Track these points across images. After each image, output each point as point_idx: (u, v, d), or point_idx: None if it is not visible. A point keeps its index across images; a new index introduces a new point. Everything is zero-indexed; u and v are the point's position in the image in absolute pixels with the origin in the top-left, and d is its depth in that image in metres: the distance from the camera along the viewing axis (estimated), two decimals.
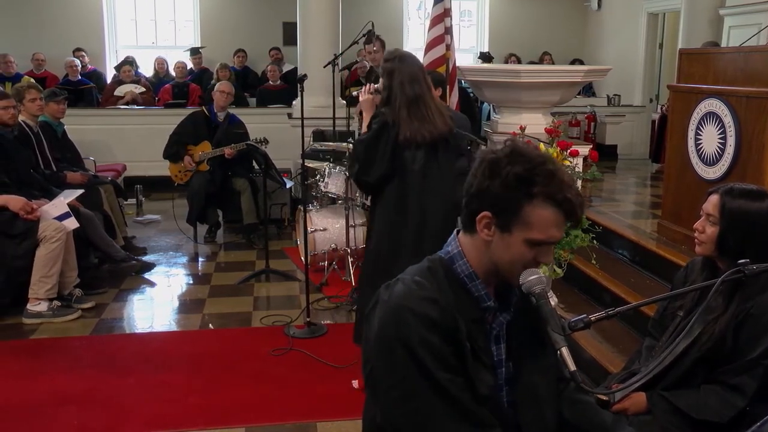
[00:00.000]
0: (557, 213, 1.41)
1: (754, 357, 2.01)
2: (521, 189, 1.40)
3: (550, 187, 1.40)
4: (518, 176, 1.40)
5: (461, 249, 1.53)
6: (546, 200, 1.40)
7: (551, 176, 1.40)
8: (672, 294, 2.21)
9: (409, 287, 1.48)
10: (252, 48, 10.10)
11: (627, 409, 2.18)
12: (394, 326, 1.44)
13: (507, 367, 1.57)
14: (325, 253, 5.20)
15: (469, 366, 1.46)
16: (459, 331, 1.45)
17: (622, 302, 3.75)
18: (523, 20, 11.06)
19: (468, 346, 1.46)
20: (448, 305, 1.45)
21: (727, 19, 7.49)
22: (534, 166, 1.40)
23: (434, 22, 5.53)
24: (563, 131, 4.26)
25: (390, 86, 3.38)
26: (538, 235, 1.42)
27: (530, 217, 1.41)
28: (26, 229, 4.33)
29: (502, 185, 1.41)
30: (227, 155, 5.92)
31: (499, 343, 1.56)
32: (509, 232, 1.44)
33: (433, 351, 1.41)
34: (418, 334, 1.41)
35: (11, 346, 4.07)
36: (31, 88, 5.44)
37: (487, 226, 1.46)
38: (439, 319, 1.43)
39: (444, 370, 1.41)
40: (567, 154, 3.82)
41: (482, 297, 1.51)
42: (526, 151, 1.44)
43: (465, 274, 1.51)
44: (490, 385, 1.50)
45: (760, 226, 2.06)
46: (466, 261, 1.51)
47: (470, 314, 1.49)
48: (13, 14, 9.65)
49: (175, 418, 3.26)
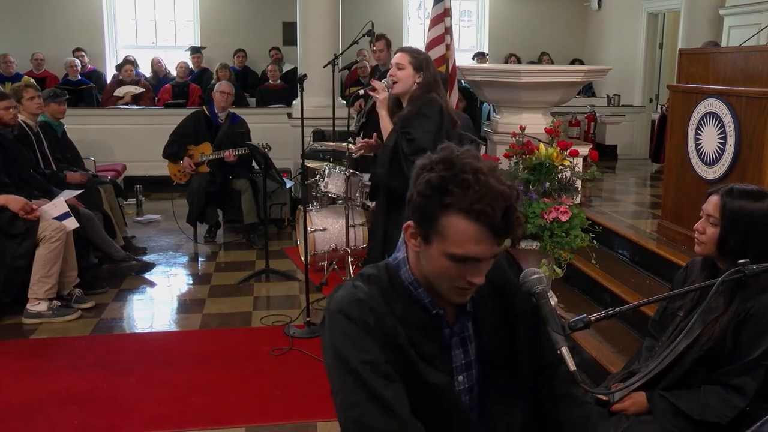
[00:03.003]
0: (475, 227, 1.30)
1: (755, 357, 2.01)
2: (434, 198, 1.31)
3: (464, 197, 1.28)
4: (431, 184, 1.32)
5: (406, 255, 1.47)
6: (460, 212, 1.29)
7: (467, 186, 1.29)
8: (672, 294, 2.21)
9: (348, 292, 1.43)
10: (252, 48, 10.10)
11: (627, 409, 2.19)
12: (329, 331, 1.41)
13: (477, 368, 1.51)
14: (325, 253, 5.20)
15: (420, 371, 1.41)
16: (398, 336, 1.40)
17: (622, 302, 3.75)
18: (522, 20, 11.05)
19: (412, 353, 1.41)
20: (385, 311, 1.40)
21: (727, 19, 7.49)
22: (452, 175, 1.30)
23: (434, 22, 5.54)
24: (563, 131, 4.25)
25: (434, 74, 3.53)
26: (456, 250, 1.32)
27: (446, 229, 1.32)
28: (26, 229, 4.33)
29: (419, 193, 1.34)
30: (226, 159, 5.91)
31: (466, 345, 1.50)
32: (430, 244, 1.36)
33: (365, 357, 1.36)
34: (351, 340, 1.37)
35: (11, 346, 4.07)
36: (28, 87, 5.45)
37: (413, 236, 1.40)
38: (374, 324, 1.38)
39: (378, 376, 1.35)
40: (567, 154, 3.82)
41: (429, 304, 1.45)
42: (454, 157, 1.33)
43: (409, 281, 1.46)
44: (445, 390, 1.44)
45: (761, 226, 2.06)
46: (409, 268, 1.46)
47: (417, 321, 1.44)
48: (13, 14, 9.65)
49: (175, 418, 3.26)
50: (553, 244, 3.66)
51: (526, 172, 3.82)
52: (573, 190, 3.85)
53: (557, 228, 3.65)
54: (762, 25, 6.10)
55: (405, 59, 3.51)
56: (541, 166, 3.76)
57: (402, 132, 3.46)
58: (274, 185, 5.89)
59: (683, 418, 2.08)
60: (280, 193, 6.52)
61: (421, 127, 3.42)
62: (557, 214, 3.65)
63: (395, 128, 3.50)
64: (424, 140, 3.36)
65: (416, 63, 3.51)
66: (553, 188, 3.79)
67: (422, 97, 3.50)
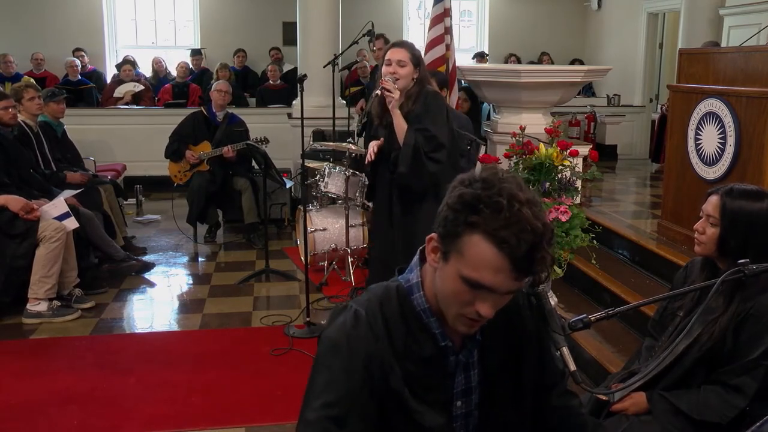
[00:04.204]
0: (496, 254, 1.21)
1: (755, 357, 2.01)
2: (462, 214, 1.24)
3: (492, 220, 1.21)
4: (463, 200, 1.25)
5: (420, 279, 1.40)
6: (484, 234, 1.22)
7: (498, 209, 1.21)
8: (672, 294, 2.21)
9: (348, 322, 1.37)
10: (252, 48, 10.10)
11: (627, 409, 2.19)
12: (317, 356, 1.38)
13: (478, 393, 1.46)
14: (325, 253, 5.20)
15: (412, 413, 1.37)
16: (393, 377, 1.36)
17: (622, 302, 3.75)
18: (522, 20, 11.06)
19: (406, 393, 1.36)
20: (384, 347, 1.36)
21: (727, 19, 7.49)
22: (486, 195, 1.23)
23: (434, 22, 5.53)
24: (563, 131, 4.26)
25: (425, 68, 3.60)
26: (471, 273, 1.24)
27: (466, 248, 1.24)
28: (26, 229, 4.33)
29: (449, 206, 1.28)
30: (225, 155, 5.92)
31: (468, 371, 1.45)
32: (447, 261, 1.29)
33: (330, 398, 1.32)
34: (328, 374, 1.34)
35: (11, 346, 4.07)
36: (28, 87, 5.45)
37: (434, 251, 1.33)
38: (362, 363, 1.34)
39: (331, 423, 1.32)
40: (567, 154, 3.82)
41: (438, 336, 1.38)
42: (496, 180, 1.26)
43: (421, 308, 1.38)
44: (436, 426, 1.40)
45: (761, 226, 2.06)
46: (423, 294, 1.38)
47: (423, 352, 1.38)
48: (13, 14, 9.65)
49: (175, 418, 3.26)
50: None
51: (526, 172, 3.82)
52: (573, 190, 3.86)
53: (557, 228, 3.65)
54: (762, 25, 6.10)
55: (406, 56, 3.52)
56: (541, 166, 3.77)
57: (419, 129, 3.48)
58: (274, 185, 5.89)
59: (683, 418, 2.08)
60: (280, 193, 6.52)
61: (435, 122, 3.49)
62: (557, 214, 3.65)
63: (411, 126, 3.52)
64: (442, 135, 3.48)
65: (415, 59, 3.54)
66: (553, 188, 3.79)
67: (422, 92, 3.54)
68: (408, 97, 3.55)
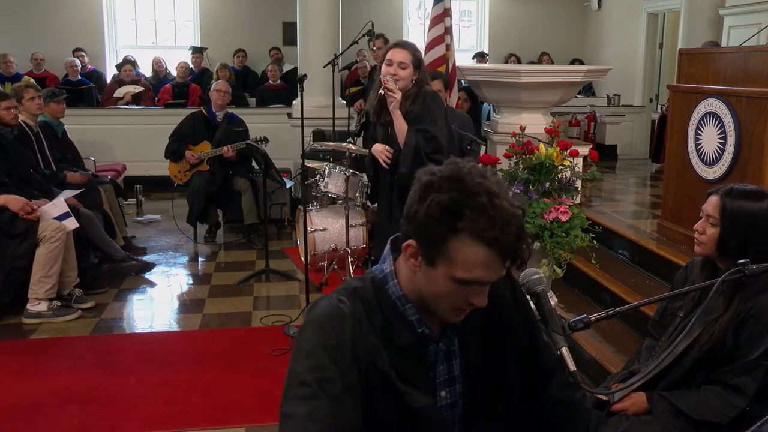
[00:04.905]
0: (487, 252, 1.24)
1: (755, 357, 2.01)
2: (446, 221, 1.24)
3: (478, 223, 1.22)
4: (443, 207, 1.24)
5: (394, 269, 1.40)
6: (473, 237, 1.23)
7: (482, 210, 1.22)
8: (672, 294, 2.21)
9: (331, 305, 1.36)
10: (252, 48, 10.10)
11: (627, 409, 2.19)
12: (300, 339, 1.35)
13: (461, 382, 1.45)
14: (325, 253, 5.20)
15: (402, 395, 1.36)
16: (379, 358, 1.34)
17: (622, 302, 3.75)
18: (522, 20, 11.05)
19: (393, 375, 1.35)
20: (368, 330, 1.35)
21: (727, 19, 7.49)
22: (464, 197, 1.23)
23: (434, 22, 5.53)
24: (563, 131, 4.26)
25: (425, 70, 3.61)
26: (463, 274, 1.26)
27: (455, 253, 1.25)
28: (26, 229, 4.33)
29: (427, 214, 1.26)
30: (225, 154, 5.92)
31: (450, 361, 1.44)
32: (433, 266, 1.29)
33: (323, 374, 1.28)
34: (316, 353, 1.30)
35: (11, 346, 4.07)
36: (29, 87, 5.45)
37: (413, 256, 1.32)
38: (349, 344, 1.32)
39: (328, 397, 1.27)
40: (567, 154, 3.82)
41: (415, 322, 1.38)
42: (464, 175, 1.26)
43: (396, 296, 1.38)
44: (428, 412, 1.39)
45: (761, 226, 2.06)
46: (397, 283, 1.38)
47: (401, 339, 1.37)
48: (13, 14, 9.65)
49: (175, 418, 3.26)
50: (553, 244, 3.66)
51: (526, 172, 3.82)
52: (573, 190, 3.85)
53: (557, 228, 3.65)
54: (762, 25, 6.10)
55: (408, 58, 3.52)
56: (541, 166, 3.77)
57: (419, 130, 3.49)
58: (274, 185, 5.89)
59: (683, 418, 2.08)
60: (280, 193, 6.52)
61: (435, 122, 3.51)
62: (557, 214, 3.65)
63: (411, 127, 3.53)
64: (441, 135, 3.51)
65: (416, 62, 3.54)
66: (553, 188, 3.79)
67: (420, 93, 3.55)
68: (406, 97, 3.55)
